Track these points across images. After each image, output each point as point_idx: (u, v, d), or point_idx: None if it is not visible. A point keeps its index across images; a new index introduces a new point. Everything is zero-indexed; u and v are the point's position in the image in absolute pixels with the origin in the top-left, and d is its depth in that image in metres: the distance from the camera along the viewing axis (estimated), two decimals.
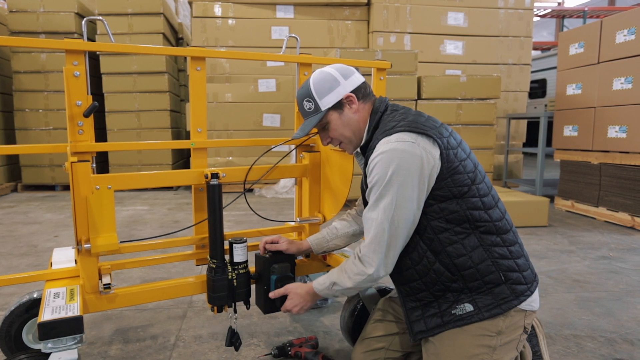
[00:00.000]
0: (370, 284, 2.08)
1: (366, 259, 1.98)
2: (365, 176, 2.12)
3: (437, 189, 1.93)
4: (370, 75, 3.00)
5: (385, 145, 1.92)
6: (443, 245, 1.96)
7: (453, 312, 1.99)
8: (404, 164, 1.86)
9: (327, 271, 3.30)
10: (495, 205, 2.02)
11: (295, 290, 2.30)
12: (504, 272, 1.95)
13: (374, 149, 1.99)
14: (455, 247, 1.95)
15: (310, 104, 2.18)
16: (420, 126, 1.94)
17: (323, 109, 2.16)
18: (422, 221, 1.97)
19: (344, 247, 2.70)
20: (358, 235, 2.65)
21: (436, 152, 1.91)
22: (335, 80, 2.15)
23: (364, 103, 2.18)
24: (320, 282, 2.19)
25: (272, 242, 2.62)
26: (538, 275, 2.23)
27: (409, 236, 1.98)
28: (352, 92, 2.16)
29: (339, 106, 2.16)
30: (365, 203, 2.08)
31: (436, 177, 1.92)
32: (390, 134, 1.95)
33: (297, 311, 2.28)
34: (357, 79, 2.19)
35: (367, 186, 2.03)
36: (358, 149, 2.23)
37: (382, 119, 2.12)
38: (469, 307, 1.97)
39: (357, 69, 2.26)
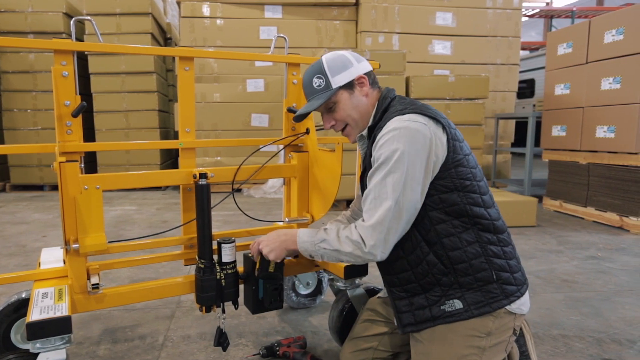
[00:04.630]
0: (360, 261, 1.97)
1: (366, 237, 1.89)
2: (368, 158, 2.09)
3: (441, 178, 1.93)
4: None
5: (397, 123, 1.91)
6: (439, 237, 1.95)
7: (442, 307, 1.98)
8: (416, 144, 1.85)
9: (316, 271, 3.33)
10: (493, 205, 2.04)
11: (270, 235, 2.24)
12: (496, 271, 1.95)
13: (382, 127, 1.97)
14: (452, 239, 1.94)
15: (321, 80, 2.12)
16: (431, 112, 1.96)
17: (334, 86, 2.11)
18: (420, 211, 1.94)
19: None
20: None
21: (444, 138, 1.93)
22: (348, 60, 2.13)
23: (372, 89, 2.18)
24: (307, 233, 2.10)
25: None
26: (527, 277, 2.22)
27: (410, 223, 1.93)
28: (364, 74, 2.14)
29: (350, 86, 2.12)
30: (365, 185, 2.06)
31: (441, 165, 1.92)
32: (403, 114, 1.94)
33: (267, 252, 2.20)
34: (368, 66, 2.18)
35: (369, 168, 2.01)
36: (363, 133, 2.19)
37: (392, 104, 2.10)
38: (458, 304, 1.96)
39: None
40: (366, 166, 2.11)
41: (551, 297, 3.77)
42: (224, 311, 2.58)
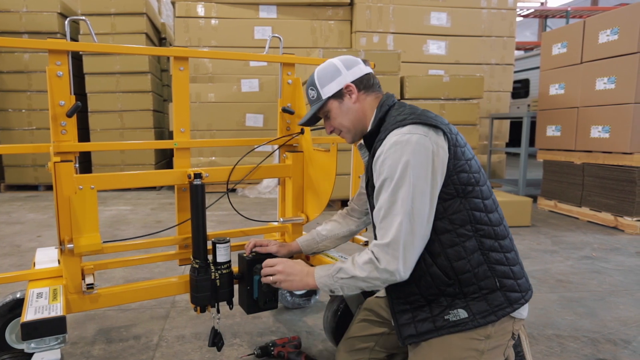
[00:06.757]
0: (380, 284, 1.92)
1: (379, 255, 1.86)
2: (369, 170, 2.07)
3: (444, 185, 1.89)
4: None
5: (397, 137, 1.88)
6: (443, 247, 1.92)
7: (446, 317, 1.95)
8: (418, 156, 1.83)
9: None
10: (496, 209, 2.00)
11: (289, 263, 2.21)
12: (499, 278, 1.93)
13: (382, 140, 1.95)
14: (456, 249, 1.91)
15: (314, 92, 2.22)
16: (431, 119, 1.92)
17: (324, 97, 2.18)
18: None
19: (333, 248, 2.70)
20: (348, 237, 2.65)
21: (445, 145, 1.90)
22: (337, 70, 2.18)
23: (366, 94, 2.19)
24: (323, 268, 2.06)
25: (261, 246, 2.61)
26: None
27: (426, 238, 1.90)
28: (353, 82, 2.16)
29: (339, 95, 2.17)
30: (371, 198, 2.04)
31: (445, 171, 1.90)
32: (403, 126, 1.91)
33: (280, 283, 2.18)
34: (361, 70, 2.21)
35: (371, 179, 2.01)
36: (362, 142, 2.22)
37: (390, 112, 2.10)
38: (463, 314, 1.93)
39: (365, 60, 2.28)
40: (369, 177, 2.08)
41: (546, 297, 3.78)
42: (218, 311, 2.58)
